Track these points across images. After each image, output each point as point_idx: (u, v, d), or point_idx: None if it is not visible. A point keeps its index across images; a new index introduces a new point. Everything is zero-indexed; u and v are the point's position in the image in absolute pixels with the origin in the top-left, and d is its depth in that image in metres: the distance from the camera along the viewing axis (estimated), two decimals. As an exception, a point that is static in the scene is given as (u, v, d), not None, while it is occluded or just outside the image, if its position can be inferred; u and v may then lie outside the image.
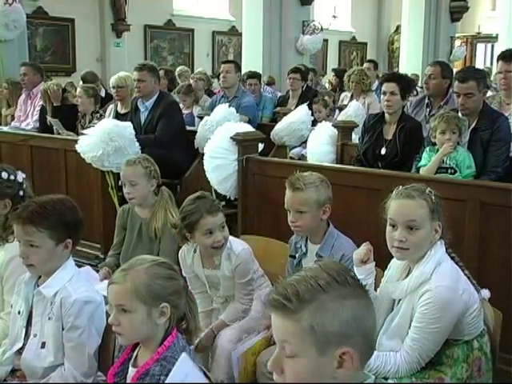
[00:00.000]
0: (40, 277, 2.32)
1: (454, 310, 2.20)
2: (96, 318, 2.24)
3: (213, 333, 2.89)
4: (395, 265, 2.43)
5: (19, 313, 2.32)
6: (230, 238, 2.93)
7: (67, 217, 2.27)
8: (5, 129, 6.41)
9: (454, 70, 6.12)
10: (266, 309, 1.41)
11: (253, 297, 2.99)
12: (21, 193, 2.70)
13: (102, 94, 7.31)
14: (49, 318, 2.22)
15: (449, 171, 3.75)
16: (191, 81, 7.44)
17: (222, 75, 6.40)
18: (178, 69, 8.43)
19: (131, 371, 1.94)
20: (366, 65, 8.84)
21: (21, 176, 2.75)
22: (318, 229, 2.82)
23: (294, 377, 1.34)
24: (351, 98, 6.97)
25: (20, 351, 2.29)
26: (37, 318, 2.27)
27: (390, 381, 2.27)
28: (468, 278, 2.33)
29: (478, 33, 17.78)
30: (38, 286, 2.28)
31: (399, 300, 2.35)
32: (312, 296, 1.32)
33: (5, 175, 2.67)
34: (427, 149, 3.92)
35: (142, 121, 5.40)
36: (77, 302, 2.18)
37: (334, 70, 9.48)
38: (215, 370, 2.77)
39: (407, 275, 2.34)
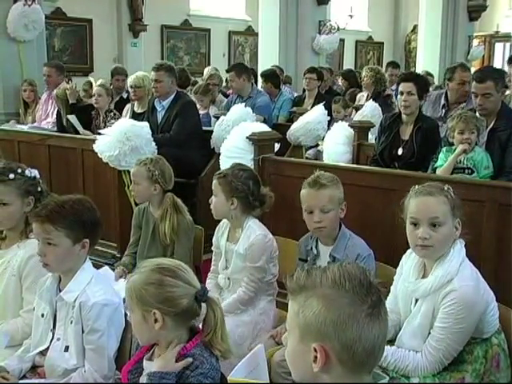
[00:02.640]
0: (60, 280, 2.34)
1: (478, 310, 2.22)
2: (115, 320, 2.26)
3: None
4: (410, 264, 2.42)
5: (42, 316, 2.34)
6: (257, 223, 3.04)
7: (85, 217, 2.29)
8: (25, 128, 6.47)
9: (472, 70, 6.05)
10: None
11: (257, 288, 2.99)
12: (38, 189, 2.72)
13: (125, 95, 7.25)
14: (71, 322, 2.25)
15: (466, 171, 3.72)
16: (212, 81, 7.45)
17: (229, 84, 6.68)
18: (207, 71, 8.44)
19: (147, 364, 1.96)
20: (390, 70, 8.65)
21: (36, 172, 2.77)
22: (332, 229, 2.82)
23: (286, 353, 1.44)
24: (367, 98, 6.95)
25: (42, 352, 2.32)
26: (60, 322, 2.29)
27: (412, 380, 2.26)
28: None
29: (497, 32, 17.59)
30: (60, 290, 2.30)
31: (417, 300, 2.34)
32: (308, 285, 1.37)
33: (28, 173, 2.70)
34: (444, 149, 3.89)
35: (159, 120, 5.44)
36: (96, 306, 2.20)
37: (341, 73, 9.42)
38: None
39: (423, 274, 2.34)
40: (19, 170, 2.68)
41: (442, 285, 2.23)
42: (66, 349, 2.25)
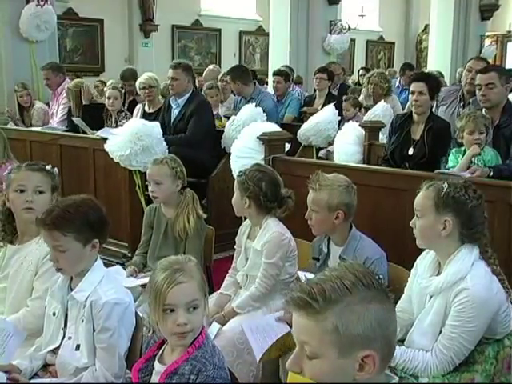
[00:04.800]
0: (72, 279, 2.34)
1: (490, 309, 2.21)
2: (125, 319, 2.26)
3: (223, 318, 2.99)
4: (425, 262, 2.44)
5: (54, 314, 2.36)
6: (276, 222, 3.08)
7: (91, 217, 2.27)
8: (37, 129, 6.51)
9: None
10: (288, 307, 1.39)
11: (271, 285, 3.01)
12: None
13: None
14: (82, 321, 2.26)
15: (477, 172, 3.71)
16: (219, 83, 7.47)
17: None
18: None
19: (158, 367, 1.97)
20: (407, 72, 8.59)
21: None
22: (339, 231, 2.83)
23: (313, 377, 1.33)
24: (374, 100, 6.91)
25: (54, 350, 2.33)
26: (71, 321, 2.30)
27: (421, 380, 2.26)
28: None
29: (509, 31, 17.51)
30: (72, 289, 2.31)
31: (430, 298, 2.35)
32: (338, 297, 1.30)
33: (55, 171, 2.78)
34: (453, 150, 3.89)
35: (173, 117, 5.50)
36: (107, 305, 2.21)
37: (362, 67, 9.44)
38: None
39: (438, 272, 2.35)
40: (49, 166, 2.80)
41: (453, 282, 2.24)
42: (78, 347, 2.25)
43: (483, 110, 4.01)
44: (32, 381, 2.31)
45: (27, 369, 2.32)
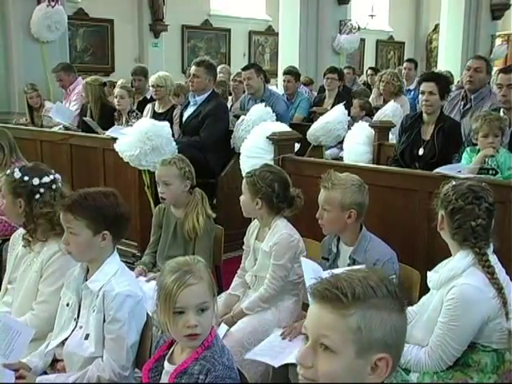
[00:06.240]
0: (88, 271, 2.37)
1: (479, 311, 2.21)
2: (136, 312, 2.27)
3: (232, 319, 2.99)
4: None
5: (68, 305, 2.38)
6: (285, 222, 3.08)
7: (105, 209, 2.31)
8: (53, 107, 6.51)
9: (495, 69, 6.01)
10: (312, 298, 1.36)
11: (280, 286, 3.01)
12: (36, 196, 2.70)
13: (148, 95, 7.17)
14: (93, 311, 2.28)
15: (490, 172, 3.69)
16: (231, 82, 7.47)
17: (244, 83, 6.37)
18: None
19: (167, 367, 1.97)
20: (405, 64, 8.62)
21: (37, 180, 2.71)
22: (349, 231, 2.82)
23: (326, 373, 1.31)
24: (384, 102, 6.90)
25: (63, 342, 2.35)
26: (84, 311, 2.33)
27: (412, 375, 2.27)
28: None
29: (520, 31, 17.40)
30: (87, 280, 2.34)
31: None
32: (365, 296, 1.30)
33: (17, 175, 2.72)
34: (468, 149, 3.86)
35: (187, 114, 5.53)
36: (119, 296, 2.23)
37: (370, 67, 9.42)
38: None
39: None
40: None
41: (447, 279, 2.28)
42: (87, 337, 2.27)
43: (501, 110, 3.98)
44: (39, 378, 2.32)
45: (37, 366, 2.34)
